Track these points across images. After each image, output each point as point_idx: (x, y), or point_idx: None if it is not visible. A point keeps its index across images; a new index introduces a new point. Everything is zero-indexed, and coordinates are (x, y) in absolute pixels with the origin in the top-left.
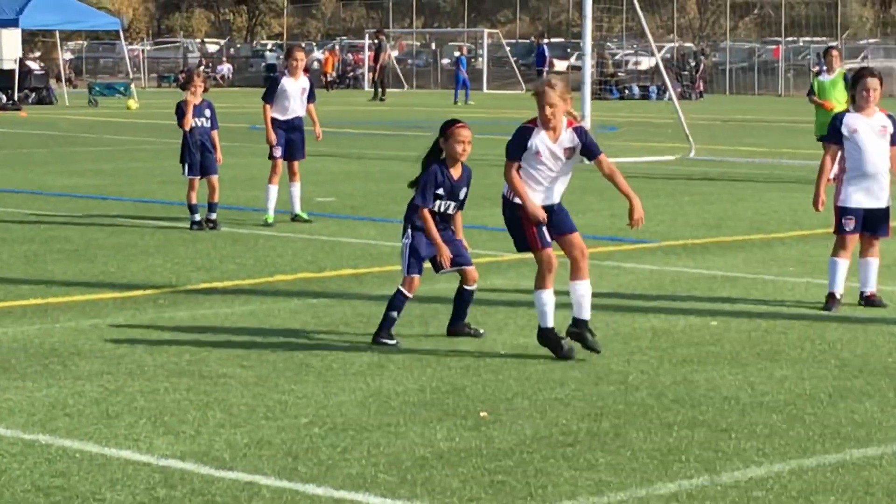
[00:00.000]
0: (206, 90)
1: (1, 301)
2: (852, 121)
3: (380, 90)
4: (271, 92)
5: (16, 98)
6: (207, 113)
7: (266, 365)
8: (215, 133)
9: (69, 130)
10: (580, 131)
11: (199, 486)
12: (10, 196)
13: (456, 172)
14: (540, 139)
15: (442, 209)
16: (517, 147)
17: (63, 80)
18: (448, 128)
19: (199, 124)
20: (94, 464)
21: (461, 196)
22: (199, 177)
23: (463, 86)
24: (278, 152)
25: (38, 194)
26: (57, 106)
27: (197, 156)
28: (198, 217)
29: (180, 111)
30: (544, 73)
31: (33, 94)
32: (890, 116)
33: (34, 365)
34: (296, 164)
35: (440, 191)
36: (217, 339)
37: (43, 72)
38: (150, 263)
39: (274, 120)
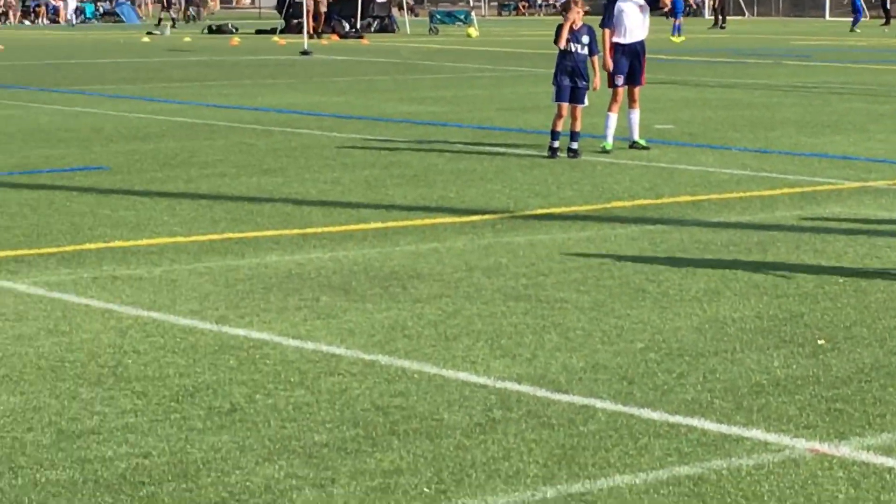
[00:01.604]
0: (587, 13)
1: (343, 225)
2: None
3: (720, 17)
4: (609, 16)
5: (358, 26)
6: (585, 39)
7: (602, 290)
8: (595, 59)
9: (410, 58)
10: None
11: (534, 409)
12: (351, 122)
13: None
14: None
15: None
16: None
17: (405, 9)
18: None
19: (575, 50)
20: (431, 384)
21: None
22: (566, 103)
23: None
24: (620, 80)
25: (379, 121)
26: (398, 34)
27: (566, 81)
28: (556, 144)
29: (558, 30)
30: None
31: (375, 23)
32: None
33: (374, 287)
34: (636, 90)
35: None
36: (553, 264)
37: (385, 0)
38: (488, 189)
39: (615, 45)
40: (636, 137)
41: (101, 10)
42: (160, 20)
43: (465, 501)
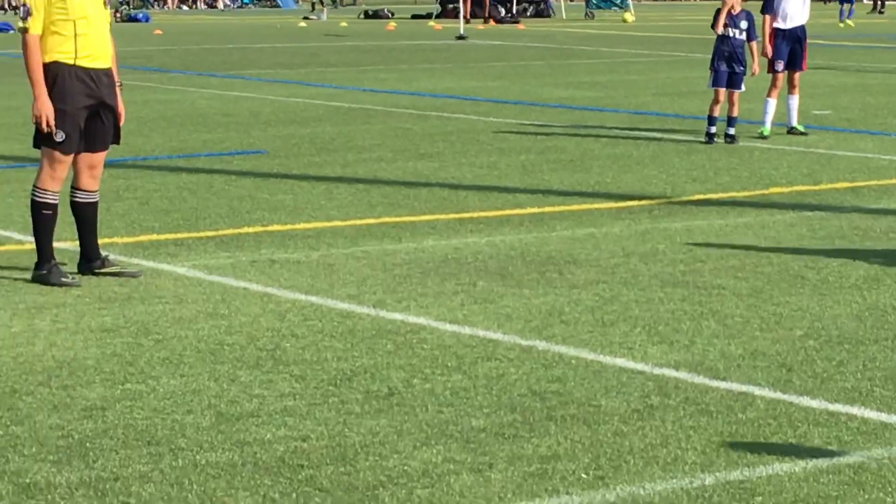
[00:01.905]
0: None
1: (499, 209)
2: None
3: (880, 3)
4: (770, 2)
5: (514, 11)
6: (744, 24)
7: (760, 277)
8: (753, 44)
9: (565, 43)
10: None
11: (692, 396)
12: (507, 107)
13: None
14: None
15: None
16: None
17: None
18: None
19: (733, 35)
20: (588, 370)
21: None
22: (723, 88)
23: None
24: (780, 66)
25: (535, 105)
26: (554, 19)
27: (723, 66)
28: (713, 130)
29: (716, 15)
30: None
31: (531, 8)
32: None
33: (531, 272)
34: (796, 75)
35: None
36: (711, 250)
37: None
38: (645, 174)
39: (776, 30)
40: (794, 123)
41: None
42: (313, 5)
43: (622, 488)
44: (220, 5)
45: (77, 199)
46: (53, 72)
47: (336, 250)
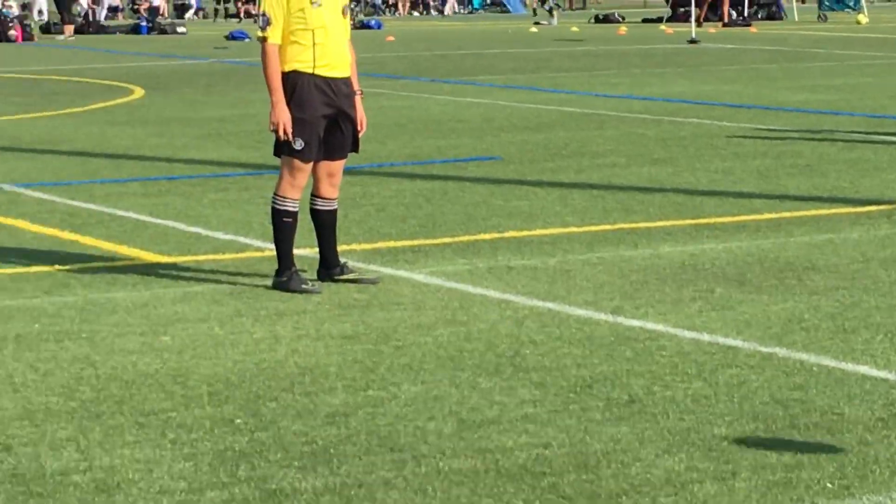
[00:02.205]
0: None
1: (735, 215)
2: None
3: None
4: None
5: (746, 14)
6: None
7: None
8: None
9: (798, 46)
10: None
11: None
12: (742, 111)
13: None
14: None
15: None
16: None
17: None
18: None
19: None
20: (830, 378)
21: None
22: None
23: None
24: None
25: (769, 109)
26: (786, 21)
27: None
28: None
29: None
30: None
31: (763, 10)
32: None
33: (769, 279)
34: None
35: None
36: None
37: None
38: (884, 179)
39: None
40: None
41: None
42: (534, 10)
43: (869, 497)
44: (449, 10)
45: (316, 207)
46: (292, 81)
47: (572, 256)
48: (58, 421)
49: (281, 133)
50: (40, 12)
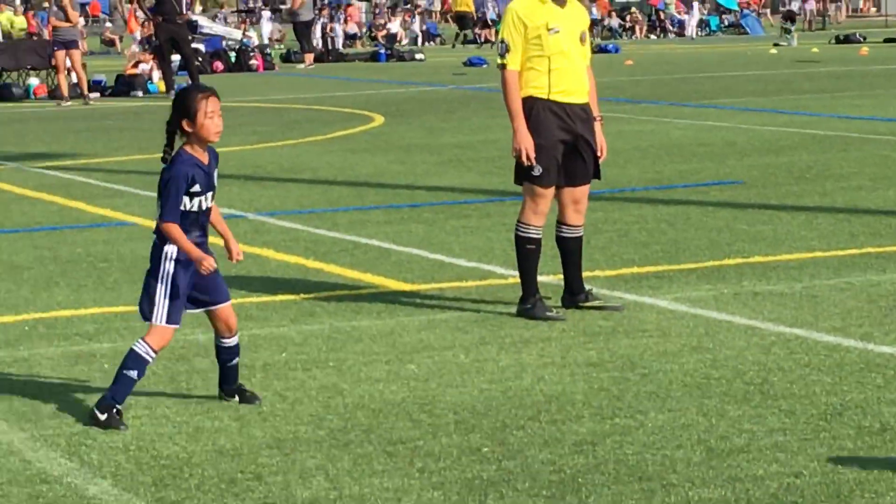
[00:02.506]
0: None
1: None
2: None
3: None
4: None
5: None
6: None
7: None
8: None
9: None
10: None
11: None
12: None
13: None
14: None
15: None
16: None
17: None
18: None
19: None
20: None
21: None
22: None
23: None
24: None
25: None
26: None
27: None
28: None
29: None
30: None
31: None
32: None
33: None
34: None
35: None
36: None
37: None
38: None
39: None
40: None
41: (726, 22)
42: (785, 30)
43: None
44: (689, 33)
45: (562, 234)
46: (528, 106)
47: (819, 281)
48: (307, 449)
49: (524, 158)
50: (278, 41)
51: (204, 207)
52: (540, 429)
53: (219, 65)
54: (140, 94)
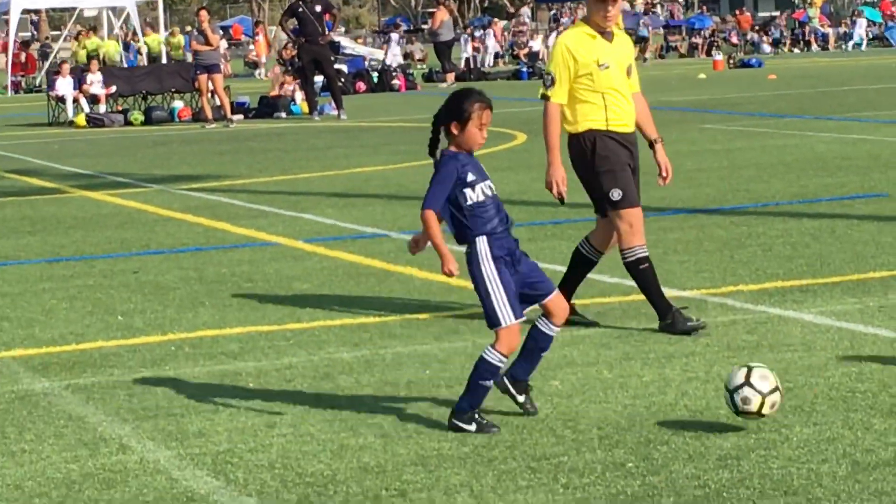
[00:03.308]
0: None
1: None
2: None
3: None
4: None
5: None
6: None
7: None
8: None
9: None
10: None
11: None
12: None
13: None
14: None
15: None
16: None
17: None
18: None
19: None
20: None
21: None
22: None
23: None
24: None
25: None
26: None
27: None
28: None
29: None
30: None
31: None
32: None
33: None
34: None
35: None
36: None
37: None
38: None
39: None
40: None
41: (870, 35)
42: None
43: None
44: (832, 47)
45: (585, 252)
46: (589, 138)
47: None
48: (451, 466)
49: (555, 191)
50: (420, 60)
51: (490, 194)
52: (684, 443)
53: (361, 85)
54: (283, 115)
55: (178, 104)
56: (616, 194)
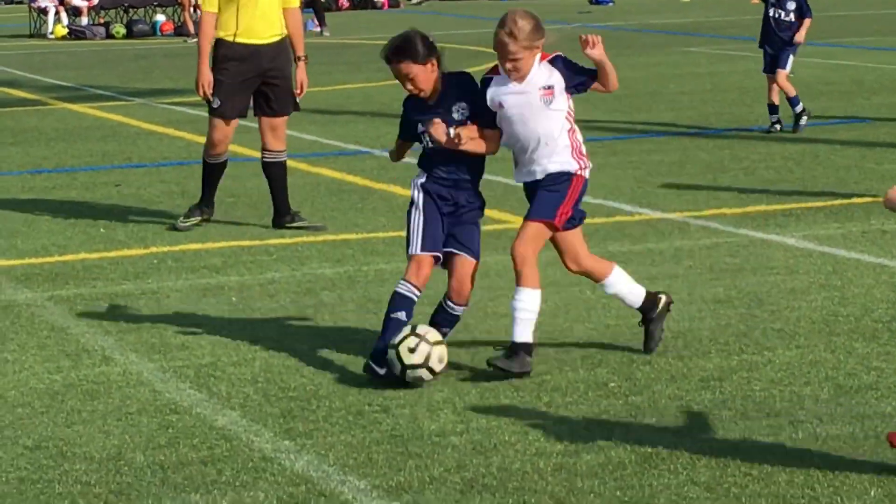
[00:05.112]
0: None
1: None
2: None
3: None
4: None
5: None
6: None
7: None
8: None
9: None
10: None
11: None
12: None
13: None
14: None
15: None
16: None
17: None
18: None
19: None
20: None
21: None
22: None
23: None
24: None
25: None
26: None
27: None
28: None
29: None
30: None
31: None
32: None
33: None
34: None
35: None
36: None
37: None
38: None
39: None
40: None
41: None
42: None
43: None
44: None
45: (266, 160)
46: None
47: None
48: (434, 383)
49: (200, 93)
50: None
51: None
52: (667, 364)
53: (344, 2)
54: None
55: (160, 17)
56: (216, 102)
